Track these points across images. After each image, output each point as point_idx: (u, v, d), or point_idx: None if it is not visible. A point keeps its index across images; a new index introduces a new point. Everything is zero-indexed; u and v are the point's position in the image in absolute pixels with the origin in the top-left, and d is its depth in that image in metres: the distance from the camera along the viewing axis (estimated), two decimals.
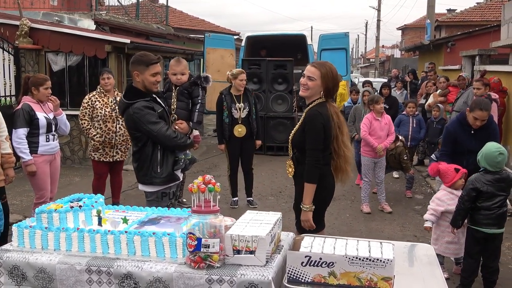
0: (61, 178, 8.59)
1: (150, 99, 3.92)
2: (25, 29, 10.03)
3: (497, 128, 5.31)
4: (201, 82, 4.32)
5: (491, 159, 4.33)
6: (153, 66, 3.88)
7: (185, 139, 4.04)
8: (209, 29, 23.66)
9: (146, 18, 19.87)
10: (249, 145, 7.23)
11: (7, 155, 4.91)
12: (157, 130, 3.83)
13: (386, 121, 7.20)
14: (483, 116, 4.94)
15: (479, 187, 4.33)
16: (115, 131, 6.37)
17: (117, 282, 2.59)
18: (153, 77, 3.88)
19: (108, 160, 6.44)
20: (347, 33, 13.08)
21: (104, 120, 6.33)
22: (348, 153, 3.84)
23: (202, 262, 2.49)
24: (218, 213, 2.68)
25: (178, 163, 4.05)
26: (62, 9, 15.89)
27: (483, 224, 4.37)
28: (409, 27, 41.19)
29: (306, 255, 2.44)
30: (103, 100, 6.40)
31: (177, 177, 4.09)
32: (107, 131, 6.34)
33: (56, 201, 3.09)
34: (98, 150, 6.40)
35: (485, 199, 4.34)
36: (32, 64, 10.24)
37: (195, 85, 4.33)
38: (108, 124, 6.34)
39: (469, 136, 5.05)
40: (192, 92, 4.30)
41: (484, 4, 27.41)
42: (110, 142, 6.37)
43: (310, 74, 3.66)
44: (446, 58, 17.24)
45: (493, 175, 4.36)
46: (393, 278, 2.38)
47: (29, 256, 2.70)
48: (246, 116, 7.07)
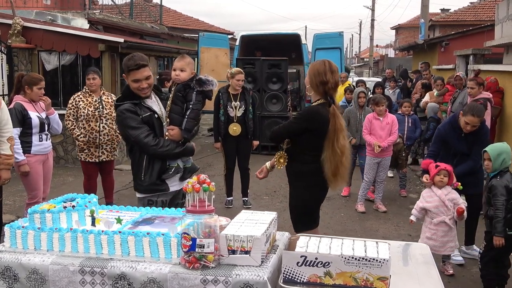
0: (54, 178, 8.54)
1: (139, 102, 3.69)
2: (18, 28, 9.97)
3: (488, 132, 5.31)
4: (194, 85, 3.79)
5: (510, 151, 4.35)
6: (133, 72, 3.61)
7: (171, 147, 3.69)
8: (203, 28, 23.62)
9: (140, 17, 19.80)
10: (245, 145, 7.20)
11: (4, 156, 4.78)
12: (135, 136, 3.61)
13: (388, 121, 7.13)
14: (474, 121, 4.93)
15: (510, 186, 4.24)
16: (99, 130, 6.27)
17: (110, 283, 2.57)
18: (135, 83, 3.63)
19: (94, 161, 6.36)
20: (341, 33, 13.07)
21: (87, 119, 6.25)
22: (343, 159, 3.84)
23: (196, 263, 2.47)
24: (213, 213, 2.66)
25: (167, 171, 3.75)
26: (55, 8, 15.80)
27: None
28: (403, 26, 41.28)
29: (302, 255, 2.43)
30: (87, 99, 6.32)
31: (164, 187, 3.76)
32: (90, 130, 6.25)
33: (49, 201, 3.06)
34: (84, 151, 6.34)
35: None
36: (25, 63, 10.18)
37: (189, 88, 3.81)
38: (91, 124, 6.26)
39: (459, 139, 5.06)
40: (186, 95, 3.82)
41: (478, 3, 27.53)
42: (94, 141, 6.28)
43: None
44: (440, 57, 17.30)
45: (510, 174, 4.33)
46: (389, 278, 2.37)
47: (22, 257, 2.67)
48: (242, 115, 7.05)
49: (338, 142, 3.80)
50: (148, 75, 3.68)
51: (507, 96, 8.22)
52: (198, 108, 3.83)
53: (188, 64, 3.85)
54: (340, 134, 3.82)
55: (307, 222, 4.03)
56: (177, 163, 3.81)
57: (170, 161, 3.77)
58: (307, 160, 3.92)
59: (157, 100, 3.88)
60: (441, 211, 4.73)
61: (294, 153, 3.99)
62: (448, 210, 4.72)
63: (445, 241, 4.74)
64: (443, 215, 4.72)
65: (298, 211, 4.07)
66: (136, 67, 3.60)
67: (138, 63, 3.61)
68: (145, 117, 3.68)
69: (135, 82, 3.64)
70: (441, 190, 4.75)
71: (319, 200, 4.10)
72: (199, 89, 3.78)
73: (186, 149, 3.83)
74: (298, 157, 3.97)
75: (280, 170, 4.25)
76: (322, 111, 3.85)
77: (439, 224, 4.73)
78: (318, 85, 3.85)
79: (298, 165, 3.98)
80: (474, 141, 5.00)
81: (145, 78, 3.65)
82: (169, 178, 3.76)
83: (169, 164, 3.76)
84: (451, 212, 4.71)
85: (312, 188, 3.98)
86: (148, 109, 3.72)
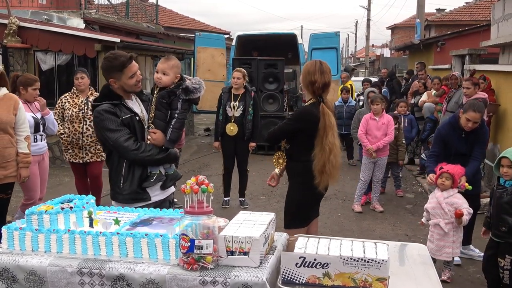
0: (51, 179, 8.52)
1: (119, 102, 3.45)
2: (13, 27, 9.95)
3: (487, 132, 5.31)
4: (180, 93, 3.51)
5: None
6: (128, 68, 3.41)
7: (153, 152, 3.43)
8: (200, 28, 23.58)
9: (136, 17, 19.75)
10: (243, 146, 7.18)
11: (23, 154, 4.92)
12: (114, 139, 3.35)
13: (384, 121, 7.12)
14: (475, 117, 4.89)
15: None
16: (82, 131, 6.17)
17: (109, 284, 2.56)
18: (131, 79, 3.43)
19: (78, 161, 6.29)
20: (337, 33, 13.08)
21: (71, 120, 6.19)
22: (331, 156, 3.86)
23: (195, 264, 2.47)
24: (212, 214, 2.66)
25: (149, 179, 3.49)
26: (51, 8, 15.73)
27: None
28: (399, 26, 41.34)
29: (301, 256, 2.43)
30: (73, 100, 6.27)
31: (145, 197, 3.50)
32: (73, 131, 6.18)
33: (47, 202, 3.05)
34: (68, 151, 6.31)
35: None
36: (21, 63, 10.15)
37: (174, 95, 3.52)
38: (75, 125, 6.18)
39: (460, 139, 5.04)
40: (171, 103, 3.53)
41: (473, 3, 27.59)
42: (77, 143, 6.21)
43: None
44: (436, 57, 17.34)
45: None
46: (387, 278, 2.37)
47: (19, 259, 2.66)
48: (240, 116, 7.03)
49: (327, 139, 3.85)
50: (137, 67, 3.50)
51: (502, 95, 8.25)
52: (183, 117, 3.59)
53: (172, 68, 3.52)
54: (329, 131, 3.87)
55: (296, 220, 4.10)
56: (159, 170, 3.56)
57: (151, 168, 3.52)
58: (302, 159, 3.98)
59: (138, 101, 3.64)
60: (438, 214, 4.68)
61: (291, 152, 4.09)
62: (445, 214, 4.63)
63: (441, 246, 4.65)
64: (439, 217, 4.67)
65: (289, 207, 4.17)
66: (130, 60, 3.42)
67: (130, 55, 3.44)
68: (125, 119, 3.43)
69: (132, 77, 3.44)
70: (441, 193, 4.68)
71: (312, 199, 4.12)
72: (185, 98, 3.52)
73: (169, 155, 3.56)
74: (294, 157, 4.06)
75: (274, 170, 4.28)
76: (313, 110, 3.93)
77: (435, 227, 4.69)
78: (308, 85, 3.96)
79: (294, 164, 4.08)
80: (475, 141, 4.99)
81: (137, 71, 3.49)
82: (150, 186, 3.51)
83: (150, 172, 3.51)
84: (449, 217, 4.61)
85: (304, 187, 4.03)
86: (128, 111, 3.47)
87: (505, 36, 8.82)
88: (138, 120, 3.51)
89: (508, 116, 7.80)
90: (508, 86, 7.96)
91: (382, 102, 7.22)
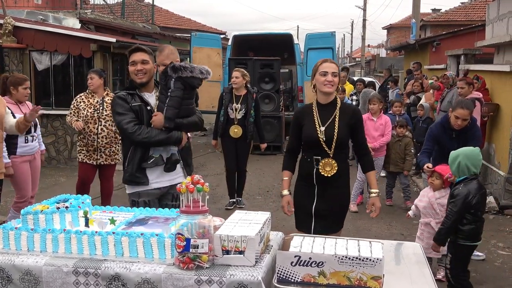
0: (47, 179, 8.51)
1: (134, 92, 3.75)
2: (9, 27, 9.92)
3: (480, 132, 5.26)
4: (170, 72, 3.73)
5: (475, 157, 4.10)
6: (132, 55, 3.75)
7: (150, 134, 3.62)
8: (196, 28, 23.57)
9: (132, 17, 19.72)
10: (243, 147, 7.17)
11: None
12: (118, 121, 3.69)
13: (382, 122, 7.13)
14: (464, 114, 4.89)
15: (471, 199, 4.01)
16: (97, 133, 6.09)
17: (104, 284, 2.56)
18: (132, 66, 3.75)
19: (91, 163, 6.18)
20: (333, 33, 13.09)
21: (86, 121, 6.09)
22: None
23: (191, 263, 2.47)
24: (207, 213, 2.66)
25: (147, 160, 3.70)
26: (47, 8, 15.71)
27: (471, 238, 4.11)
28: (395, 26, 41.43)
29: (296, 255, 2.44)
30: (88, 101, 6.18)
31: (144, 181, 3.73)
32: (88, 132, 6.09)
33: (42, 202, 3.05)
34: (82, 151, 6.20)
35: (476, 210, 4.05)
36: (16, 63, 10.12)
37: (167, 75, 3.76)
38: (90, 126, 6.09)
39: (451, 139, 5.06)
40: (167, 83, 3.76)
41: (469, 4, 27.69)
42: (92, 144, 6.11)
43: (335, 70, 3.67)
44: (432, 57, 17.38)
45: (477, 183, 4.09)
46: (382, 277, 2.39)
47: (15, 258, 2.66)
48: (242, 118, 7.03)
49: None
50: (145, 59, 3.74)
51: (496, 95, 8.28)
52: (177, 95, 3.72)
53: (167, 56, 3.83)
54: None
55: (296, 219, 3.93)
56: (159, 154, 3.73)
57: (153, 151, 3.72)
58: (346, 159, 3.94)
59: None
60: (429, 213, 4.72)
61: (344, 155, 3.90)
62: (436, 214, 4.66)
63: (431, 244, 4.57)
64: (430, 217, 4.71)
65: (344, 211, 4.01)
66: (135, 49, 3.76)
67: (137, 46, 3.82)
68: (134, 106, 3.69)
69: (132, 65, 3.73)
70: (434, 193, 4.72)
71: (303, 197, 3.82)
72: (175, 75, 3.71)
73: (170, 137, 3.71)
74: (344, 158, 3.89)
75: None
76: (304, 106, 3.91)
77: (426, 225, 4.73)
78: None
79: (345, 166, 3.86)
80: (466, 141, 5.00)
81: (141, 62, 3.72)
82: (147, 167, 3.71)
83: (150, 154, 3.72)
84: (440, 216, 4.61)
85: (297, 183, 3.92)
86: (140, 100, 3.74)
87: (499, 36, 8.85)
88: (149, 109, 3.75)
89: (503, 116, 7.84)
90: (503, 86, 8.00)
91: (380, 102, 7.23)
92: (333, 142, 3.62)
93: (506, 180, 7.37)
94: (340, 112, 3.68)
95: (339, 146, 3.65)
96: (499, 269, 5.21)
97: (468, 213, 4.04)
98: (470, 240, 4.10)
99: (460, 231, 4.09)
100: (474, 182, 4.07)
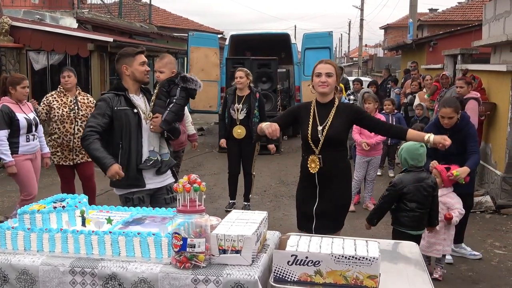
0: (44, 178, 8.49)
1: (123, 94, 3.79)
2: (5, 27, 9.91)
3: (474, 131, 5.19)
4: (178, 81, 3.98)
5: (413, 151, 4.27)
6: (139, 55, 3.85)
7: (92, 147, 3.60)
8: (193, 28, 23.55)
9: (129, 17, 19.71)
10: (248, 148, 6.99)
11: None
12: (87, 121, 3.81)
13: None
14: (447, 113, 4.89)
15: (401, 188, 4.22)
16: (73, 132, 5.88)
17: (101, 283, 2.56)
18: (141, 66, 3.85)
19: (68, 164, 5.96)
20: (330, 32, 13.09)
21: (61, 120, 5.88)
22: None
23: (187, 262, 2.48)
24: (204, 213, 2.66)
25: (145, 162, 3.81)
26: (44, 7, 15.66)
27: (408, 226, 4.26)
28: (392, 26, 41.46)
29: (292, 254, 2.44)
30: (61, 99, 5.97)
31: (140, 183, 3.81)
32: (64, 132, 5.88)
33: (39, 201, 3.05)
34: (57, 153, 5.95)
35: (409, 200, 4.22)
36: (13, 62, 10.11)
37: (173, 83, 4.00)
38: (66, 125, 5.87)
39: None
40: (170, 90, 4.00)
41: (466, 4, 27.75)
42: (68, 144, 5.90)
43: (329, 70, 3.75)
44: (429, 57, 17.41)
45: (415, 175, 4.26)
46: (379, 276, 2.39)
47: (11, 258, 2.66)
48: (245, 118, 6.90)
49: None
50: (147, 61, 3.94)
51: (493, 95, 8.30)
52: (180, 103, 3.97)
53: (166, 65, 4.05)
54: None
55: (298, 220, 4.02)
56: (157, 157, 3.86)
57: (151, 154, 3.84)
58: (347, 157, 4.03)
59: (145, 99, 3.98)
60: None
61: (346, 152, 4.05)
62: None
63: (432, 243, 4.67)
64: None
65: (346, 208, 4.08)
66: (142, 50, 3.89)
67: (141, 47, 3.92)
68: (119, 109, 3.75)
69: (142, 65, 3.84)
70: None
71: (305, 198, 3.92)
72: (183, 85, 3.96)
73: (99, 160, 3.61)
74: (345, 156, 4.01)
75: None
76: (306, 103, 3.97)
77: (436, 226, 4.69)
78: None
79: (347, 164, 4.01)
80: (460, 140, 4.97)
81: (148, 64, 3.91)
82: (145, 169, 3.81)
83: (148, 156, 3.83)
84: (441, 215, 4.61)
85: (299, 185, 4.01)
86: (127, 103, 3.79)
87: (496, 36, 8.87)
88: (135, 112, 3.81)
89: (500, 115, 7.85)
90: (499, 86, 8.01)
91: (375, 102, 7.22)
92: (320, 140, 3.73)
93: (503, 180, 7.38)
94: (336, 111, 3.76)
95: (330, 144, 3.73)
96: (495, 268, 5.22)
97: (403, 203, 4.25)
98: (407, 228, 4.27)
99: (397, 219, 4.34)
100: (412, 174, 4.27)
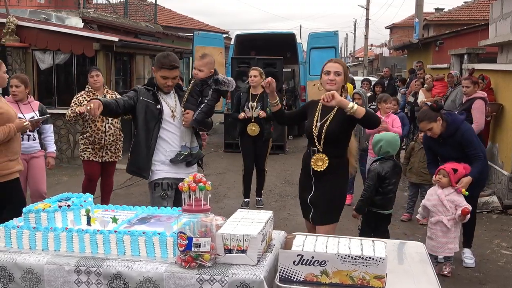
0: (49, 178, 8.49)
1: (153, 90, 4.04)
2: (11, 26, 9.92)
3: (469, 135, 4.98)
4: (211, 83, 4.14)
5: (394, 142, 4.76)
6: (163, 70, 3.96)
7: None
8: (198, 27, 23.55)
9: (134, 16, 19.72)
10: (262, 146, 7.16)
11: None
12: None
13: (389, 121, 7.09)
14: (422, 126, 4.98)
15: (382, 173, 4.64)
16: (104, 130, 6.14)
17: (106, 283, 2.55)
18: (162, 79, 3.99)
19: (97, 160, 6.23)
20: (336, 32, 13.07)
21: (93, 119, 6.08)
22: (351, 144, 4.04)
23: (193, 262, 2.47)
24: (209, 212, 2.65)
25: (177, 157, 4.07)
26: (50, 7, 15.69)
27: (380, 206, 4.70)
28: (398, 26, 41.37)
29: (298, 254, 2.43)
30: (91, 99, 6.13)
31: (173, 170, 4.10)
32: (96, 130, 6.13)
33: (44, 200, 3.05)
34: (87, 149, 6.21)
35: (387, 184, 4.65)
36: (19, 62, 10.14)
37: (206, 84, 4.15)
38: (97, 124, 6.12)
39: (440, 145, 5.05)
40: (203, 91, 4.15)
41: (472, 3, 27.60)
42: (99, 142, 6.16)
43: (337, 69, 3.83)
44: (435, 56, 17.35)
45: (391, 162, 4.72)
46: (385, 276, 2.37)
47: (17, 257, 2.66)
48: (258, 116, 7.03)
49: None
50: (177, 75, 4.05)
51: (500, 94, 8.25)
52: (212, 104, 4.16)
53: (206, 65, 4.16)
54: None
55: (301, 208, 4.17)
56: (187, 151, 4.10)
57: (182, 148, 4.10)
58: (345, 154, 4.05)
59: (175, 97, 4.17)
60: (439, 211, 4.69)
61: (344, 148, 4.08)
62: (447, 211, 4.65)
63: (444, 242, 4.68)
64: (441, 215, 4.67)
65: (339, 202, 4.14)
66: (170, 67, 3.97)
67: (173, 64, 3.98)
68: (142, 100, 4.00)
69: (163, 78, 3.99)
70: (442, 190, 4.71)
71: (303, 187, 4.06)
72: (215, 87, 4.14)
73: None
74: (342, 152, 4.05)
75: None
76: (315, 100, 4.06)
77: (437, 224, 4.68)
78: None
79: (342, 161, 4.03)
80: (454, 144, 4.91)
81: (173, 78, 4.02)
82: (177, 163, 4.07)
83: (179, 151, 4.08)
84: (451, 213, 4.64)
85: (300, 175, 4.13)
86: (153, 98, 4.03)
87: (503, 35, 8.83)
88: (158, 108, 4.03)
89: (507, 115, 7.81)
90: (507, 85, 7.97)
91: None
92: (322, 137, 3.80)
93: (510, 180, 7.34)
94: (338, 109, 3.77)
95: (330, 141, 3.80)
96: (502, 269, 5.19)
97: (380, 187, 4.66)
98: (380, 208, 4.71)
99: (372, 201, 4.70)
100: (390, 161, 4.73)
